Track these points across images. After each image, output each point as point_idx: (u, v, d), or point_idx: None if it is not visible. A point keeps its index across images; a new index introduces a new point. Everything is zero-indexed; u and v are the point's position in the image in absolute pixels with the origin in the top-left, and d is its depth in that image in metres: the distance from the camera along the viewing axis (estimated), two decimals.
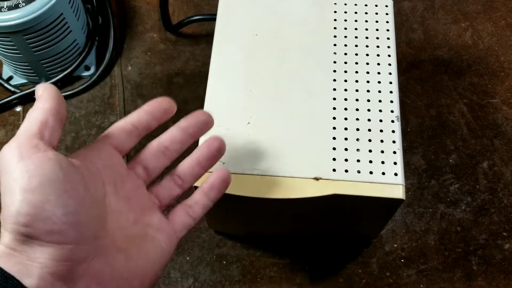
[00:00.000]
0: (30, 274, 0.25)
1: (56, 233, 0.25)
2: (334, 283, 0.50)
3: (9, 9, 0.51)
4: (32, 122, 0.28)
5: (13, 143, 0.27)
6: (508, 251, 0.51)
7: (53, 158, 0.26)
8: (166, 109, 0.34)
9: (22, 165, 0.25)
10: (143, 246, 0.30)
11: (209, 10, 0.67)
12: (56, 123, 0.28)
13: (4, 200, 0.25)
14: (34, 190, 0.25)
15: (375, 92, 0.41)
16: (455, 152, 0.56)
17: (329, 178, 0.37)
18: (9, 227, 0.25)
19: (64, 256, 0.25)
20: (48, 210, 0.25)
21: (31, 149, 0.26)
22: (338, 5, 0.45)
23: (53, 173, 0.26)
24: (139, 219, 0.32)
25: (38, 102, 0.28)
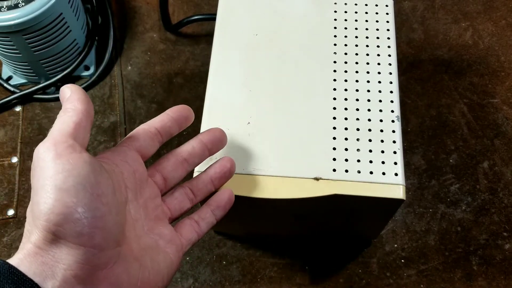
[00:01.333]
0: (54, 275, 0.25)
1: (85, 236, 0.25)
2: (334, 283, 0.50)
3: (9, 8, 0.51)
4: (66, 122, 0.28)
5: (49, 141, 0.27)
6: (508, 251, 0.51)
7: (88, 161, 0.27)
8: (187, 117, 0.35)
9: (59, 164, 0.26)
10: (155, 257, 0.31)
11: (209, 10, 0.67)
12: (88, 125, 0.29)
13: (37, 196, 0.25)
14: (69, 190, 0.25)
15: (375, 92, 0.41)
16: (455, 152, 0.56)
17: (329, 178, 0.37)
18: (40, 224, 0.25)
19: (88, 259, 0.26)
20: (80, 212, 0.25)
21: (67, 148, 0.26)
22: (338, 5, 0.45)
23: (88, 176, 0.26)
24: (152, 229, 0.32)
25: (69, 103, 0.29)
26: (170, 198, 0.34)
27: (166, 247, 0.32)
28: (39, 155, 0.26)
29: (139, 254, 0.29)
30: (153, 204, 0.32)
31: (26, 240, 0.26)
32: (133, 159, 0.31)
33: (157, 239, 0.31)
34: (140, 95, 0.61)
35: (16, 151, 0.57)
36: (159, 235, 0.32)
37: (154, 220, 0.32)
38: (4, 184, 0.55)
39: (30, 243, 0.25)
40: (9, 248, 0.52)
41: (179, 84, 0.61)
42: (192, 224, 0.34)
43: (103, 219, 0.26)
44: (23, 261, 0.25)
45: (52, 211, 0.25)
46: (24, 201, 0.54)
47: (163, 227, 0.32)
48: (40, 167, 0.26)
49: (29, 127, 0.59)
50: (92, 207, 0.26)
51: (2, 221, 0.53)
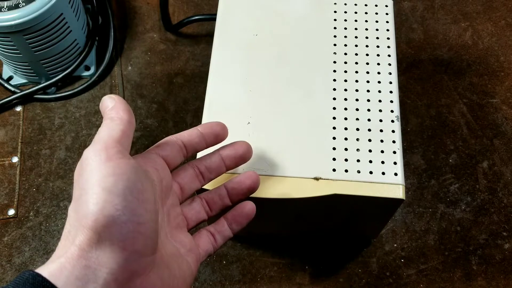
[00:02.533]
0: (96, 279, 0.25)
1: (129, 240, 0.26)
2: (334, 283, 0.50)
3: (9, 9, 0.51)
4: (114, 129, 0.28)
5: (100, 145, 0.27)
6: (508, 251, 0.51)
7: (136, 167, 0.28)
8: (218, 135, 0.35)
9: (110, 167, 0.26)
10: (180, 265, 0.31)
11: (209, 10, 0.67)
12: (131, 134, 0.29)
13: (86, 196, 0.26)
14: (118, 194, 0.26)
15: (375, 92, 0.41)
16: (455, 152, 0.56)
17: (329, 178, 0.37)
18: (88, 224, 0.25)
19: (129, 264, 0.26)
20: (127, 216, 0.26)
21: (117, 153, 0.27)
22: (338, 5, 0.45)
23: (136, 182, 0.27)
24: (174, 236, 0.32)
25: (114, 112, 0.29)
26: (188, 208, 0.34)
27: (186, 256, 0.32)
28: (89, 157, 0.27)
29: (168, 261, 0.30)
30: (175, 212, 0.33)
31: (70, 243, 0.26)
32: (162, 167, 0.32)
33: (178, 247, 0.32)
34: (141, 95, 0.61)
35: (17, 151, 0.57)
36: (180, 244, 0.32)
37: (175, 228, 0.32)
38: (5, 184, 0.55)
39: (75, 246, 0.25)
40: (9, 248, 0.52)
41: (179, 84, 0.61)
42: (209, 236, 0.34)
43: (145, 225, 0.27)
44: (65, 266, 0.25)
45: (102, 212, 0.25)
46: (24, 201, 0.54)
47: (183, 235, 0.33)
48: (90, 168, 0.26)
49: (30, 127, 0.59)
50: (137, 212, 0.26)
51: (3, 221, 0.53)
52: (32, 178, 0.56)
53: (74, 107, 0.60)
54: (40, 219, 0.53)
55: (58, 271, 0.25)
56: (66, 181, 0.56)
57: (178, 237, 0.32)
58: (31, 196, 0.55)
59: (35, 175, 0.56)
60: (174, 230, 0.32)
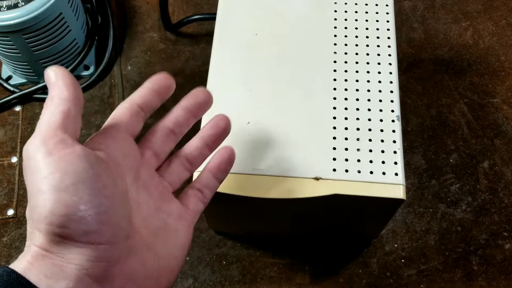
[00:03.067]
0: (66, 276, 0.24)
1: (92, 233, 0.24)
2: (334, 283, 0.50)
3: (8, 8, 0.51)
4: (53, 113, 0.26)
5: (37, 138, 0.25)
6: (508, 251, 0.51)
7: (83, 154, 0.25)
8: (168, 86, 0.33)
9: (51, 162, 0.24)
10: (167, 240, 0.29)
11: (209, 10, 0.67)
12: (77, 113, 0.27)
13: (34, 199, 0.24)
14: (67, 189, 0.24)
15: (375, 92, 0.41)
16: (455, 152, 0.56)
17: (329, 178, 0.37)
18: (43, 228, 0.24)
19: (100, 256, 0.25)
20: (83, 210, 0.24)
21: (58, 144, 0.25)
22: (338, 5, 0.45)
23: (84, 171, 0.24)
24: (159, 207, 0.30)
25: (54, 89, 0.26)
26: (168, 171, 0.32)
27: (176, 225, 0.30)
28: (29, 154, 0.25)
29: (151, 241, 0.28)
30: (153, 182, 0.31)
31: (31, 243, 0.25)
32: (124, 141, 0.29)
33: (165, 218, 0.30)
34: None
35: (16, 151, 0.57)
36: (167, 213, 0.30)
37: (159, 198, 0.30)
38: (4, 184, 0.55)
39: (36, 246, 0.24)
40: (9, 248, 0.52)
41: (179, 84, 0.61)
42: (195, 193, 0.32)
43: (108, 213, 0.25)
44: (32, 264, 0.24)
45: (53, 213, 0.23)
46: (24, 201, 0.54)
47: (170, 203, 0.31)
48: (33, 167, 0.24)
49: (29, 127, 0.59)
50: (94, 202, 0.24)
51: (2, 221, 0.53)
52: None
53: None
54: None
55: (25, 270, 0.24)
56: None
57: (164, 207, 0.30)
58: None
59: None
60: (158, 200, 0.30)
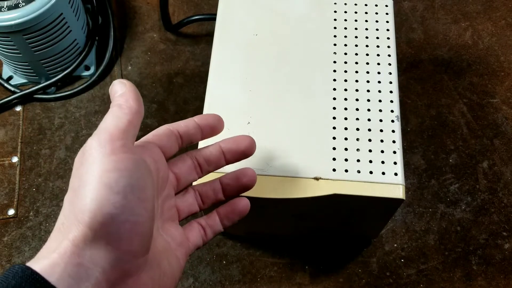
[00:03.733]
0: (88, 278, 0.24)
1: (125, 241, 0.25)
2: (334, 283, 0.50)
3: (9, 8, 0.51)
4: (121, 118, 0.27)
5: (104, 135, 0.26)
6: (508, 251, 0.51)
7: (139, 163, 0.26)
8: (214, 127, 0.33)
9: (112, 161, 0.25)
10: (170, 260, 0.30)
11: (209, 10, 0.67)
12: (138, 125, 0.28)
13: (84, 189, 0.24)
14: (119, 191, 0.24)
15: (375, 92, 0.41)
16: (455, 152, 0.56)
17: (329, 178, 0.37)
18: (85, 220, 0.24)
19: (122, 265, 0.25)
20: (125, 215, 0.24)
21: (122, 147, 0.25)
22: (338, 5, 0.45)
23: (138, 179, 0.25)
24: (164, 229, 0.31)
25: (123, 99, 0.28)
26: (181, 199, 0.33)
27: (176, 250, 0.31)
28: (93, 147, 0.25)
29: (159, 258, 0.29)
30: (169, 204, 0.31)
31: (63, 237, 0.24)
32: (159, 157, 0.30)
33: (169, 241, 0.31)
34: (141, 95, 0.61)
35: (17, 151, 0.57)
36: (171, 237, 0.31)
37: (167, 221, 0.31)
38: (5, 184, 0.55)
39: (68, 240, 0.24)
40: (9, 248, 0.52)
41: (179, 84, 0.61)
42: (199, 229, 0.33)
43: (142, 225, 0.25)
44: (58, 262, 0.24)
45: (100, 209, 0.24)
46: (24, 201, 0.54)
47: (174, 229, 0.31)
48: (92, 159, 0.25)
49: (30, 127, 0.59)
50: (136, 212, 0.25)
51: (3, 221, 0.53)
52: (32, 178, 0.56)
53: (74, 107, 0.60)
54: (40, 219, 0.53)
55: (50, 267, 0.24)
56: (66, 181, 0.55)
57: (169, 230, 0.31)
58: (31, 196, 0.55)
59: (35, 175, 0.56)
60: (166, 223, 0.31)
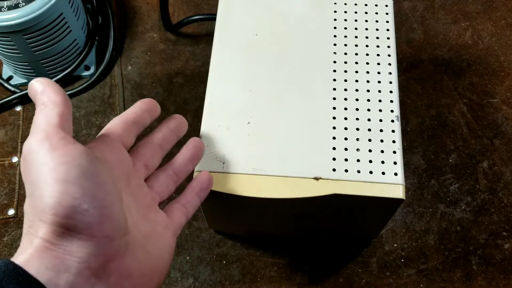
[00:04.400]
0: (67, 269, 0.24)
1: (95, 227, 0.25)
2: (334, 283, 0.50)
3: (9, 8, 0.51)
4: (50, 115, 0.27)
5: (40, 134, 0.26)
6: (508, 251, 0.51)
7: (84, 151, 0.26)
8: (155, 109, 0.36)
9: (57, 156, 0.25)
10: (156, 242, 0.30)
11: (209, 10, 0.67)
12: (69, 115, 0.28)
13: (39, 190, 0.25)
14: (73, 182, 0.25)
15: (375, 92, 0.41)
16: (455, 152, 0.56)
17: (329, 178, 0.37)
18: (49, 218, 0.24)
19: (100, 250, 0.25)
20: (87, 203, 0.25)
21: (61, 140, 0.26)
22: (338, 5, 0.45)
23: (88, 166, 0.26)
24: (146, 216, 0.31)
25: (45, 96, 0.28)
26: (157, 182, 0.34)
27: (164, 233, 0.32)
28: (32, 150, 0.26)
29: (142, 241, 0.29)
30: (142, 192, 0.32)
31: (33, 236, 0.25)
32: (119, 149, 0.31)
33: (154, 226, 0.31)
34: (140, 95, 0.61)
35: (17, 151, 0.57)
36: (155, 222, 0.32)
37: (146, 207, 0.32)
38: (5, 184, 0.55)
39: (38, 238, 0.24)
40: (9, 248, 0.52)
41: (179, 84, 0.61)
42: (180, 208, 0.34)
43: (110, 208, 0.26)
44: (33, 256, 0.24)
45: (60, 204, 0.24)
46: (24, 201, 0.54)
47: (156, 213, 0.32)
48: (36, 161, 0.25)
49: (30, 127, 0.59)
50: (98, 196, 0.25)
51: (3, 221, 0.53)
52: None
53: (74, 107, 0.60)
54: None
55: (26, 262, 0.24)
56: None
57: (151, 216, 0.32)
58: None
59: None
60: (145, 209, 0.32)
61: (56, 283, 0.24)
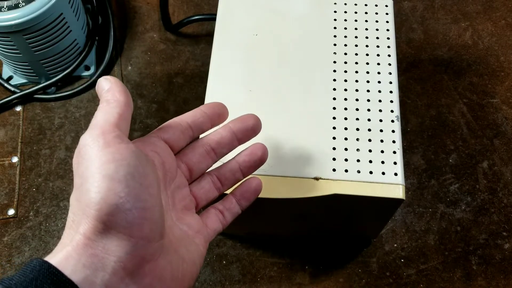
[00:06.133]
0: (104, 267, 0.24)
1: (135, 227, 0.25)
2: (334, 283, 0.50)
3: (9, 8, 0.51)
4: (110, 112, 0.27)
5: (97, 130, 0.26)
6: (508, 251, 0.51)
7: (136, 151, 0.27)
8: (220, 114, 0.34)
9: (109, 153, 0.25)
10: (189, 247, 0.30)
11: (209, 10, 0.67)
12: (129, 117, 0.28)
13: (87, 184, 0.25)
14: (120, 180, 0.25)
15: (375, 92, 0.41)
16: (455, 152, 0.56)
17: (329, 178, 0.37)
18: (92, 213, 0.25)
19: (137, 251, 0.25)
20: (131, 202, 0.25)
21: (115, 138, 0.26)
22: (338, 5, 0.45)
23: (137, 166, 0.26)
24: (180, 219, 0.31)
25: (110, 94, 0.28)
26: (197, 187, 0.33)
27: (194, 238, 0.31)
28: (87, 143, 0.26)
29: (176, 245, 0.29)
30: (181, 194, 0.32)
31: (74, 231, 0.25)
32: (162, 149, 0.31)
33: (186, 230, 0.31)
34: (140, 95, 0.61)
35: (17, 151, 0.57)
36: (188, 226, 0.31)
37: (181, 210, 0.32)
38: (5, 184, 0.55)
39: (80, 234, 0.25)
40: (9, 248, 0.52)
41: (179, 84, 0.61)
42: (217, 214, 0.33)
43: (151, 211, 0.26)
44: (72, 254, 0.24)
45: (105, 200, 0.24)
46: (24, 201, 0.54)
47: (190, 217, 0.32)
48: (89, 155, 0.26)
49: (30, 127, 0.59)
50: (141, 198, 0.25)
51: (3, 221, 0.53)
52: (32, 178, 0.56)
53: (74, 107, 0.60)
54: (40, 219, 0.53)
55: (64, 259, 0.24)
56: (66, 181, 0.56)
57: (185, 219, 0.31)
58: (31, 196, 0.55)
59: (35, 175, 0.56)
60: (180, 212, 0.31)
61: (92, 281, 0.24)
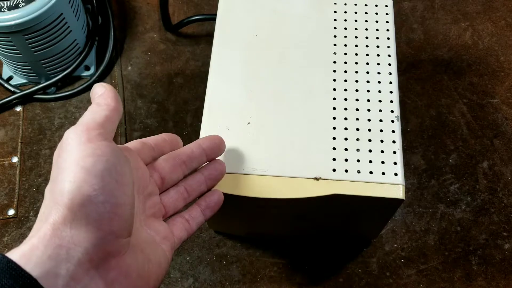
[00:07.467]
0: (69, 258, 0.25)
1: (105, 221, 0.26)
2: (334, 283, 0.50)
3: (9, 9, 0.51)
4: (97, 113, 0.29)
5: (81, 126, 0.28)
6: (508, 251, 0.51)
7: (116, 149, 0.28)
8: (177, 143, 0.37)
9: (90, 148, 0.26)
10: (155, 250, 0.31)
11: (209, 10, 0.67)
12: (116, 121, 0.30)
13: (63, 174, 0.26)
14: (96, 174, 0.26)
15: (375, 92, 0.41)
16: (455, 152, 0.56)
17: (329, 178, 0.37)
18: (63, 201, 0.25)
19: (104, 245, 0.26)
20: (105, 196, 0.26)
21: (98, 135, 0.27)
22: (338, 5, 0.45)
23: (115, 164, 0.27)
24: (148, 225, 0.32)
25: (102, 99, 0.30)
26: (166, 196, 0.35)
27: (161, 243, 0.32)
28: (69, 137, 0.27)
29: (143, 245, 0.30)
30: (151, 201, 0.33)
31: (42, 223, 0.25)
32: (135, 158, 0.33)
33: (153, 235, 0.32)
34: (140, 95, 0.61)
35: (17, 151, 0.57)
36: (155, 231, 0.33)
37: (150, 217, 0.33)
38: (5, 184, 0.55)
39: (48, 224, 0.25)
40: (9, 248, 0.52)
41: (179, 84, 0.61)
42: (183, 222, 0.35)
43: (122, 207, 0.27)
44: (37, 245, 0.25)
45: (79, 190, 0.25)
46: (24, 201, 0.54)
47: (158, 224, 0.33)
48: (70, 148, 0.27)
49: (30, 127, 0.59)
50: (115, 194, 0.26)
51: (3, 221, 0.53)
52: (32, 178, 0.56)
53: (74, 107, 0.60)
54: None
55: (29, 251, 0.24)
56: None
57: (153, 225, 0.33)
58: (31, 196, 0.55)
59: (35, 175, 0.56)
60: (149, 219, 0.33)
61: (56, 272, 0.24)
